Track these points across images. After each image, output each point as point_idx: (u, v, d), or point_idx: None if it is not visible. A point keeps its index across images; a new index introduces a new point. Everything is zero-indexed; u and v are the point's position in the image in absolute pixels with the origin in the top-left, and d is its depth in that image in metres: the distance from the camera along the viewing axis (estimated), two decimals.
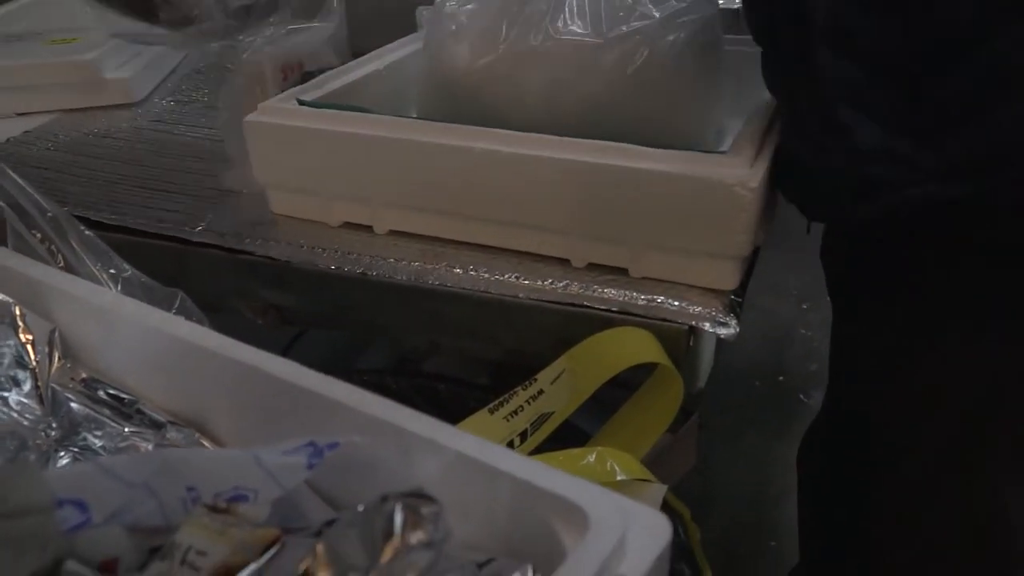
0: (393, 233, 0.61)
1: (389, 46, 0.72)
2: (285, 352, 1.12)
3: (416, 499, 0.25)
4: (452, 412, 0.54)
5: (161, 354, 0.41)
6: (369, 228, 0.62)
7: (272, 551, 0.27)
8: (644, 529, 0.28)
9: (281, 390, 0.35)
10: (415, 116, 0.63)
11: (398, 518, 0.24)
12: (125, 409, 0.42)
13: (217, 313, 0.66)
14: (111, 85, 0.91)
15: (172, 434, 0.41)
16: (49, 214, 0.47)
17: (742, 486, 1.46)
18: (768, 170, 0.51)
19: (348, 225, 0.62)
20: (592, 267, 0.56)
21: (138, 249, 0.64)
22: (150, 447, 0.40)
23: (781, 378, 1.72)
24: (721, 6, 0.63)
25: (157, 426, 0.41)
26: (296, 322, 0.63)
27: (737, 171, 0.49)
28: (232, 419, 0.39)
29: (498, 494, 0.30)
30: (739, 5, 0.60)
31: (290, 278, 0.61)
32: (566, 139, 0.53)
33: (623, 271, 0.56)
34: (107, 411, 0.42)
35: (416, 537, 0.24)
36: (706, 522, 1.39)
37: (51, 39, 0.97)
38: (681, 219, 0.51)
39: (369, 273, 0.58)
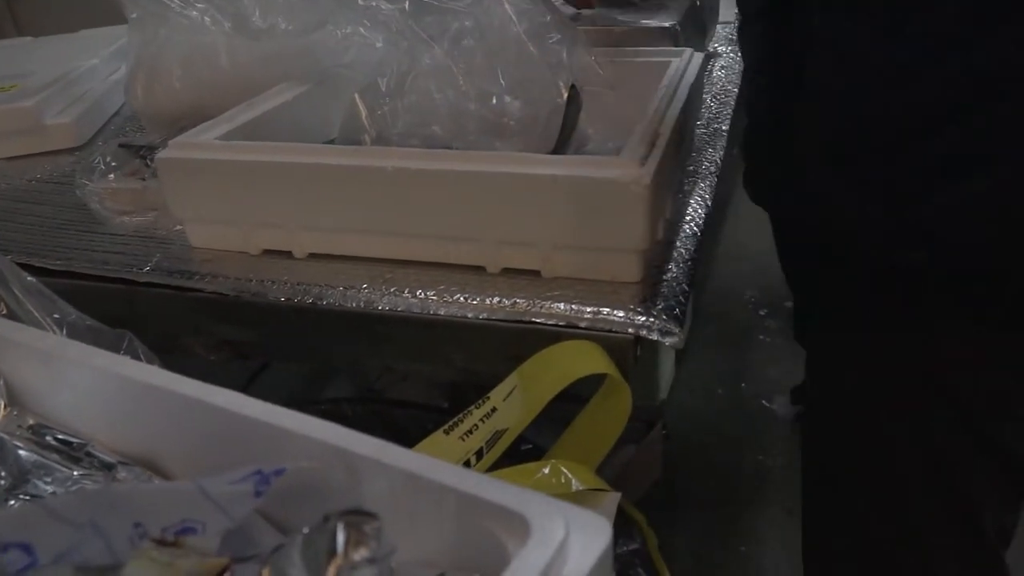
0: (312, 256, 0.63)
1: (286, 84, 0.74)
2: (246, 387, 1.11)
3: (357, 516, 0.25)
4: (410, 436, 0.55)
5: (107, 394, 0.41)
6: (288, 253, 0.63)
7: None
8: (585, 532, 0.28)
9: (227, 421, 0.36)
10: None
11: (340, 536, 0.25)
12: (74, 452, 0.42)
13: (170, 354, 0.66)
14: (52, 130, 0.90)
15: (123, 474, 0.41)
16: None
17: (710, 493, 1.48)
18: (657, 168, 0.54)
19: (267, 252, 0.64)
20: (507, 272, 0.59)
21: (87, 293, 0.64)
22: None
23: (743, 385, 1.75)
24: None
25: (107, 467, 0.41)
26: (250, 356, 0.63)
27: (630, 171, 0.53)
28: (182, 454, 0.39)
29: (444, 509, 0.30)
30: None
31: (241, 312, 0.61)
32: (470, 152, 0.57)
33: (536, 273, 0.58)
34: (56, 456, 0.42)
35: (359, 554, 0.25)
36: (675, 530, 1.40)
37: None
38: (584, 219, 0.55)
39: (319, 303, 0.59)
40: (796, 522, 0.86)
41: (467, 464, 0.52)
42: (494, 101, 0.60)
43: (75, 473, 0.41)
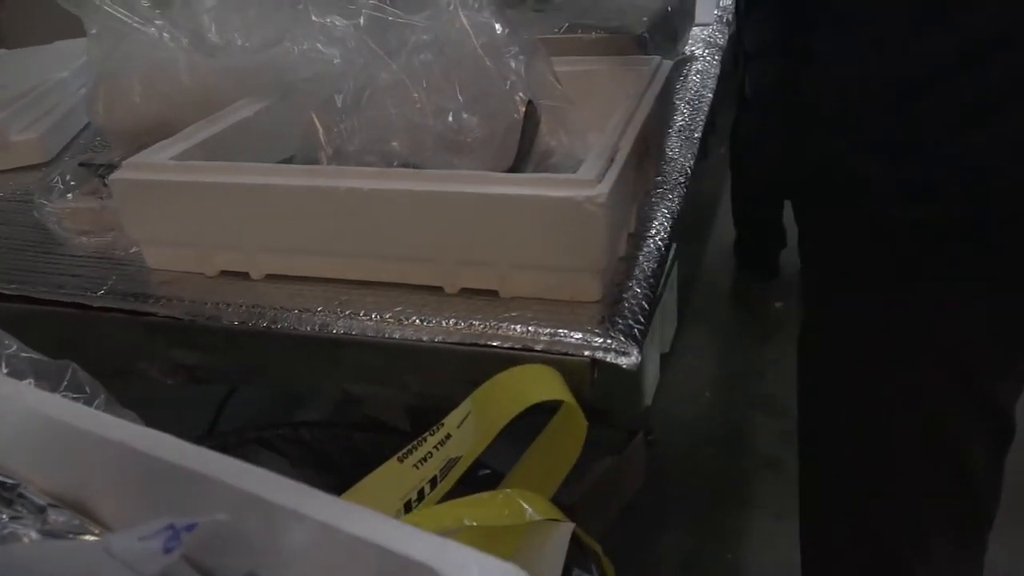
0: (270, 277, 0.62)
1: (246, 100, 0.73)
2: (221, 407, 1.08)
3: None
4: (370, 460, 0.54)
5: (37, 435, 0.40)
6: (246, 274, 0.62)
7: None
8: None
9: (150, 466, 0.35)
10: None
11: None
12: (6, 494, 0.41)
13: (126, 379, 0.65)
14: (18, 147, 0.89)
15: (54, 517, 0.40)
16: None
17: (697, 499, 1.47)
18: (615, 185, 0.53)
19: (225, 273, 0.63)
20: (465, 292, 0.58)
21: (42, 318, 0.63)
22: (32, 533, 0.39)
23: (731, 387, 1.74)
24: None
25: (39, 510, 0.40)
26: (207, 381, 0.62)
27: (585, 189, 0.52)
28: (112, 498, 0.38)
29: (359, 560, 0.29)
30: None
31: (196, 337, 0.60)
32: (423, 171, 0.56)
33: (494, 293, 0.57)
34: None
35: None
36: (662, 537, 1.39)
37: None
38: (539, 239, 0.54)
39: (274, 326, 0.58)
40: (784, 526, 0.86)
41: (421, 493, 0.51)
42: (451, 118, 0.59)
43: (3, 516, 0.40)
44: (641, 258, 0.62)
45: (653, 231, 0.66)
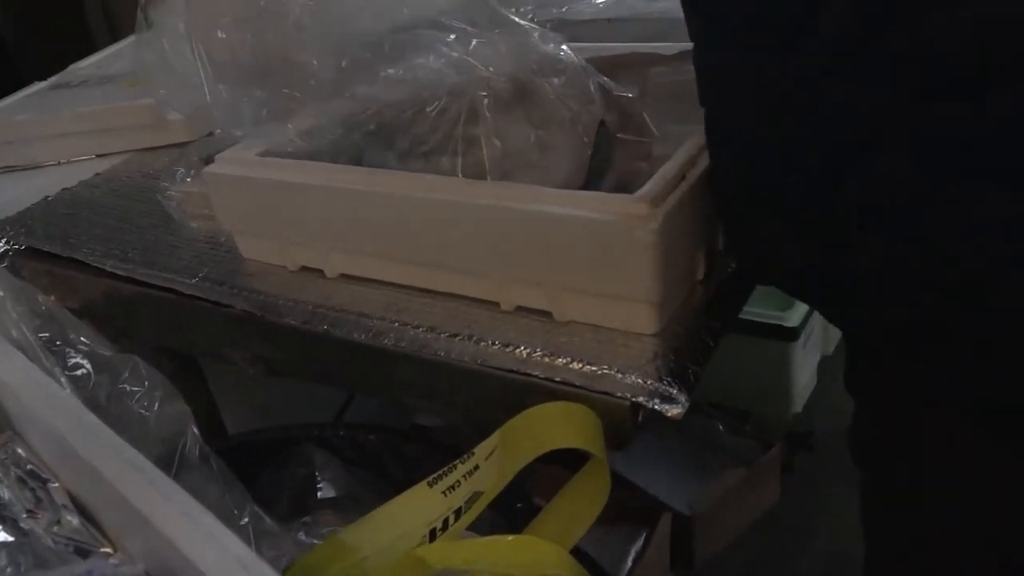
0: (344, 277, 0.62)
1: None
2: (348, 400, 1.10)
3: None
4: (419, 470, 0.53)
5: (58, 439, 0.42)
6: (322, 272, 0.62)
7: None
8: None
9: (108, 491, 0.36)
10: None
11: None
12: (36, 486, 0.44)
13: (219, 363, 0.68)
14: (173, 125, 0.95)
15: (67, 519, 0.42)
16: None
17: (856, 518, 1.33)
18: (677, 208, 0.47)
19: (305, 269, 0.63)
20: (521, 310, 0.55)
21: (148, 299, 0.67)
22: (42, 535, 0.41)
23: None
24: None
25: (55, 510, 0.43)
26: (283, 374, 0.64)
27: (638, 213, 0.47)
28: (103, 513, 0.40)
29: None
30: None
31: (268, 331, 0.61)
32: (477, 182, 0.52)
33: (549, 315, 0.54)
34: (25, 488, 0.44)
35: None
36: (808, 545, 1.28)
37: (129, 81, 1.04)
38: (589, 262, 0.49)
39: (332, 331, 0.58)
40: None
41: (446, 522, 0.50)
42: (522, 136, 0.56)
43: (23, 514, 0.43)
44: (724, 283, 0.56)
45: None
